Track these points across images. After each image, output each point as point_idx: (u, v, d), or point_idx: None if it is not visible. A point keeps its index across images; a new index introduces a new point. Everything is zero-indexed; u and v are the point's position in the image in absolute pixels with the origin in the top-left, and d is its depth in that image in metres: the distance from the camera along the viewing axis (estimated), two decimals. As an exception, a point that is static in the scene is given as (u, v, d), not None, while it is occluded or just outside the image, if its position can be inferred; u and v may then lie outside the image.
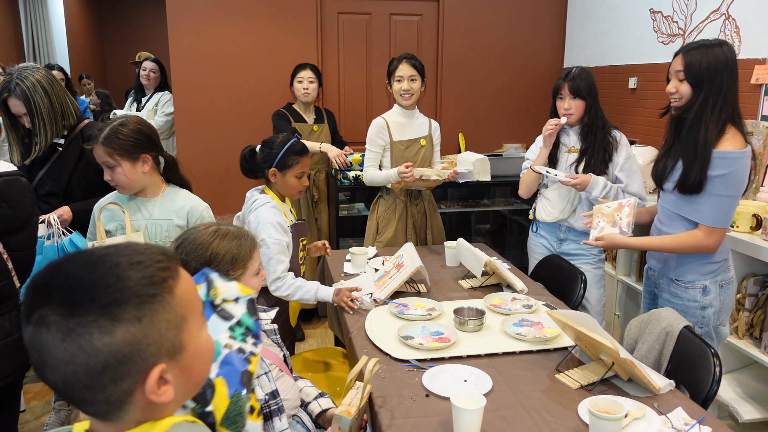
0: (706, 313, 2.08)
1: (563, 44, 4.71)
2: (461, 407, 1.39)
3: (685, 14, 3.37)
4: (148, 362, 0.72)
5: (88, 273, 0.70)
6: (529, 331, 1.98)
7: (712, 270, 2.06)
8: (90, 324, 0.68)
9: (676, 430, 1.46)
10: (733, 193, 1.94)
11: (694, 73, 1.92)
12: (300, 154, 2.29)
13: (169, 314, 0.73)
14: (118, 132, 1.96)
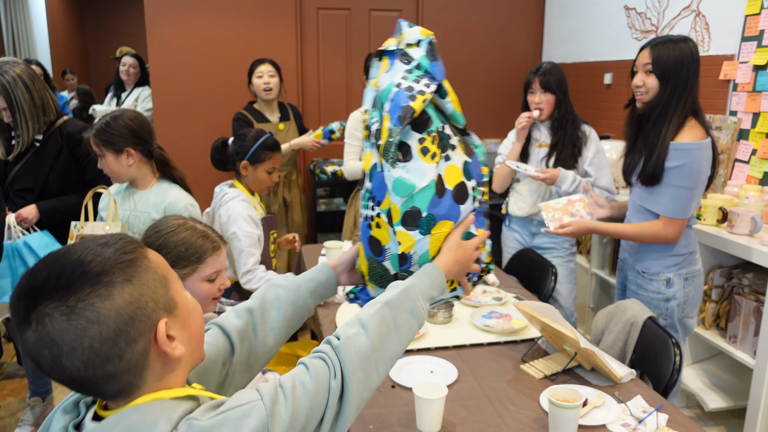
0: (669, 305, 2.11)
1: (541, 40, 4.75)
2: (423, 397, 1.42)
3: (658, 11, 3.42)
4: (152, 318, 0.77)
5: (66, 260, 0.74)
6: (497, 323, 2.01)
7: (676, 263, 2.09)
8: (88, 296, 0.72)
9: (634, 417, 1.50)
10: (690, 184, 1.96)
11: (662, 66, 1.95)
12: (272, 149, 2.31)
13: (153, 274, 0.79)
14: (108, 124, 2.04)
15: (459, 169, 1.12)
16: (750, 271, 2.40)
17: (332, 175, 3.94)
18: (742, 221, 2.34)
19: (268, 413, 0.76)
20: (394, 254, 1.12)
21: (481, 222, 1.18)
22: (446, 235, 1.12)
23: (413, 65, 1.10)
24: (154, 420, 0.74)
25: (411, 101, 1.04)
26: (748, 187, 2.63)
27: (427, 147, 1.07)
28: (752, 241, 2.27)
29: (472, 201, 1.14)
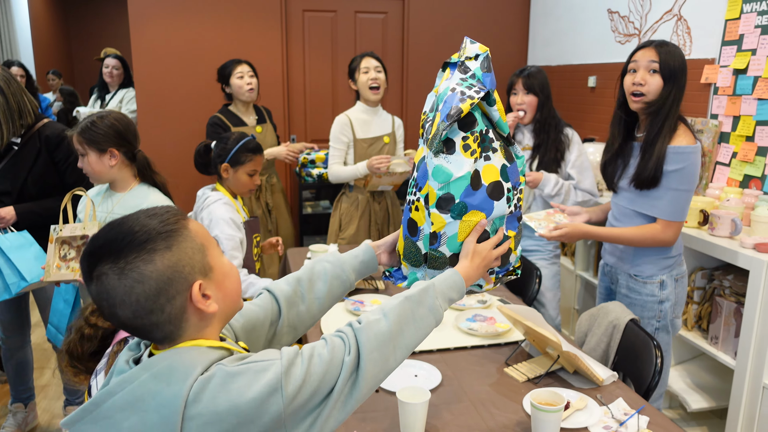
0: (663, 307, 2.13)
1: (526, 43, 4.77)
2: (406, 401, 1.42)
3: (641, 15, 3.45)
4: (188, 280, 0.91)
5: (119, 229, 0.90)
6: (481, 326, 2.02)
7: (668, 264, 2.12)
8: (134, 260, 0.87)
9: (615, 419, 1.51)
10: (688, 187, 1.99)
11: (671, 67, 1.95)
12: (253, 152, 2.31)
13: (191, 242, 0.93)
14: (94, 123, 2.05)
15: (497, 169, 1.25)
16: (731, 273, 2.43)
17: (318, 177, 3.94)
18: (722, 223, 2.37)
19: (283, 371, 0.88)
20: (427, 234, 1.26)
21: (514, 225, 1.32)
22: (475, 224, 1.24)
23: (469, 75, 1.24)
24: (191, 362, 0.89)
25: (460, 103, 1.18)
26: (729, 189, 2.66)
27: (469, 144, 1.21)
28: (732, 243, 2.30)
29: (507, 201, 1.27)
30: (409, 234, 1.30)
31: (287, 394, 0.88)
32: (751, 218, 2.42)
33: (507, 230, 1.30)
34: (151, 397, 0.86)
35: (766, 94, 2.61)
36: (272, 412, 0.87)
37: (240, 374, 0.87)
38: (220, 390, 0.86)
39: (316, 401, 0.92)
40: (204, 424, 0.85)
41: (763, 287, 2.12)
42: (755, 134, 2.68)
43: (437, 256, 1.27)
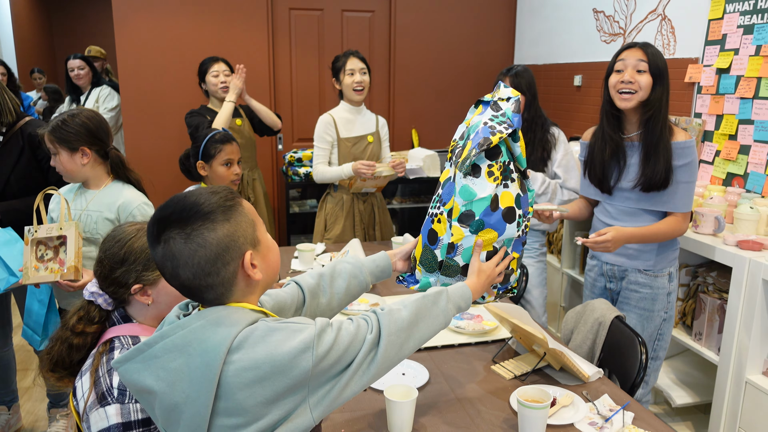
0: (670, 299, 2.19)
1: (513, 42, 4.79)
2: (393, 400, 1.42)
3: (626, 14, 3.48)
4: (241, 249, 1.03)
5: (186, 201, 1.01)
6: (468, 324, 2.03)
7: (675, 257, 2.21)
8: (200, 227, 0.99)
9: (601, 416, 1.53)
10: (695, 179, 2.09)
11: (659, 67, 2.00)
12: (221, 141, 2.34)
13: (245, 217, 1.05)
14: (65, 122, 2.02)
15: (512, 196, 1.43)
16: (714, 270, 2.46)
17: (305, 176, 3.93)
18: (706, 221, 2.39)
19: (316, 334, 1.01)
20: (445, 244, 1.43)
21: (519, 248, 1.49)
22: (488, 240, 1.42)
23: (500, 113, 1.42)
24: (238, 317, 1.01)
25: (491, 135, 1.37)
26: (712, 187, 2.69)
27: (493, 171, 1.40)
28: (716, 241, 2.33)
29: (517, 226, 1.44)
30: (429, 242, 1.46)
31: (317, 354, 0.99)
32: (734, 216, 2.45)
33: (512, 251, 1.48)
34: (198, 342, 0.98)
35: (748, 93, 2.65)
36: (302, 367, 0.98)
37: (279, 330, 0.99)
38: (260, 340, 0.97)
39: (337, 369, 1.04)
40: (242, 369, 0.95)
41: (745, 284, 2.15)
42: (738, 133, 2.71)
43: (451, 264, 1.44)
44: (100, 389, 1.27)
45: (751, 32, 2.64)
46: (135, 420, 1.26)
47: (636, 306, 2.20)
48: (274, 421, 0.98)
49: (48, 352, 1.38)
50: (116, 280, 1.38)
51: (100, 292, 1.40)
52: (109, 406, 1.25)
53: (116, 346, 1.36)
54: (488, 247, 1.43)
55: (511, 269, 1.51)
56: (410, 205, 4.32)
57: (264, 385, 0.96)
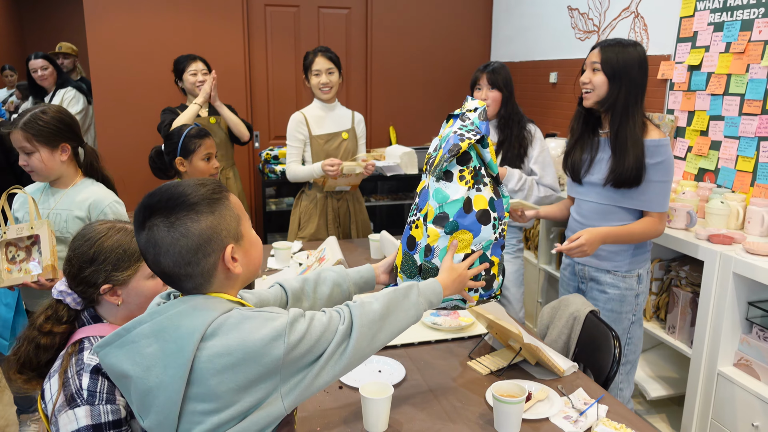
0: (639, 301, 2.17)
1: (489, 39, 4.81)
2: (368, 397, 1.42)
3: (600, 12, 3.51)
4: (223, 242, 1.05)
5: (174, 190, 1.04)
6: (445, 320, 2.03)
7: (645, 258, 2.17)
8: (184, 217, 1.01)
9: (575, 409, 1.54)
10: (670, 178, 2.06)
11: (612, 65, 2.01)
12: (199, 136, 2.35)
13: (230, 211, 1.07)
14: (38, 118, 1.95)
15: (486, 199, 1.48)
16: (686, 264, 2.50)
17: (281, 174, 3.90)
18: (678, 216, 2.43)
19: (289, 323, 1.03)
20: (423, 247, 1.48)
21: (498, 252, 1.53)
22: (464, 241, 1.46)
23: (468, 122, 1.49)
24: (213, 305, 1.03)
25: (460, 141, 1.44)
26: (685, 183, 2.73)
27: (464, 176, 1.46)
28: (688, 235, 2.36)
29: (493, 228, 1.49)
30: (408, 248, 1.52)
31: (289, 343, 1.01)
32: (705, 210, 2.49)
33: (491, 255, 1.51)
34: (173, 328, 1.00)
35: (719, 89, 2.69)
36: (273, 355, 1.00)
37: (253, 318, 1.01)
38: (233, 328, 0.99)
39: (309, 359, 1.06)
40: (214, 354, 0.97)
41: (716, 277, 2.19)
42: (709, 129, 2.75)
43: (430, 267, 1.48)
44: (69, 391, 1.25)
45: (721, 30, 2.68)
46: (105, 422, 1.24)
47: (603, 307, 2.17)
48: (245, 408, 0.99)
49: (15, 353, 1.35)
50: (85, 280, 1.35)
51: (69, 291, 1.37)
52: (78, 407, 1.22)
53: (86, 346, 1.33)
54: (465, 249, 1.47)
55: (493, 275, 1.53)
56: (388, 202, 4.32)
57: (236, 371, 0.97)
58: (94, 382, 1.26)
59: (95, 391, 1.24)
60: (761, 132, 2.49)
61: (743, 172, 2.58)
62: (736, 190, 2.60)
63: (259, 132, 4.48)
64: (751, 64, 2.53)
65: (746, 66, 2.55)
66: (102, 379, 1.27)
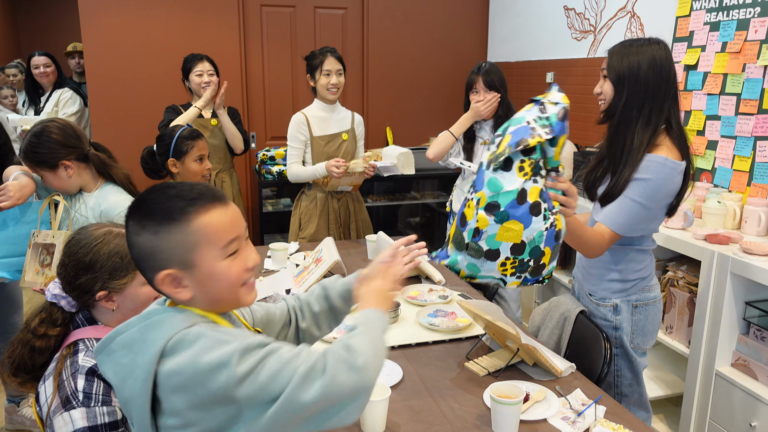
0: (617, 334, 1.88)
1: (486, 39, 4.81)
2: (366, 399, 1.41)
3: (596, 12, 3.51)
4: (160, 265, 0.98)
5: (145, 195, 1.01)
6: (442, 321, 2.02)
7: (623, 288, 1.86)
8: (133, 226, 0.99)
9: (573, 410, 1.53)
10: (647, 203, 1.70)
11: (616, 71, 1.73)
12: (192, 137, 2.36)
13: (183, 236, 0.97)
14: (31, 144, 1.97)
15: (539, 190, 1.49)
16: (684, 264, 2.50)
17: (278, 175, 3.89)
18: (675, 216, 2.42)
19: (238, 351, 0.92)
20: (471, 228, 1.52)
21: (551, 243, 1.53)
22: (513, 231, 1.48)
23: (545, 115, 1.47)
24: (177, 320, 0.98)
25: (530, 137, 1.44)
26: (682, 182, 2.73)
27: (524, 167, 1.47)
28: (685, 235, 2.36)
29: (543, 219, 1.49)
30: (460, 224, 1.56)
31: (236, 374, 0.90)
32: (702, 210, 2.49)
33: (544, 246, 1.52)
34: (141, 341, 0.97)
35: (715, 89, 2.69)
36: (220, 383, 0.90)
37: (206, 337, 0.94)
38: (188, 346, 0.94)
39: (266, 397, 0.91)
40: (170, 372, 0.93)
41: (714, 277, 2.18)
42: (705, 128, 2.75)
43: (476, 248, 1.52)
44: (64, 393, 1.24)
45: (717, 29, 2.68)
46: (102, 423, 1.24)
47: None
48: (212, 427, 0.93)
49: (9, 355, 1.34)
50: (80, 286, 1.33)
51: (63, 294, 1.36)
52: (74, 409, 1.22)
53: (81, 348, 1.32)
54: (516, 239, 1.49)
55: (543, 264, 1.56)
56: (385, 203, 4.31)
57: (188, 391, 0.92)
58: (89, 383, 1.25)
59: (91, 392, 1.24)
60: (758, 131, 2.50)
61: (740, 172, 2.58)
62: (733, 190, 2.60)
63: (256, 132, 4.47)
64: (747, 63, 2.53)
65: (742, 65, 2.55)
66: (97, 380, 1.27)
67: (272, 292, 2.26)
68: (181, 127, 2.38)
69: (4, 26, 8.26)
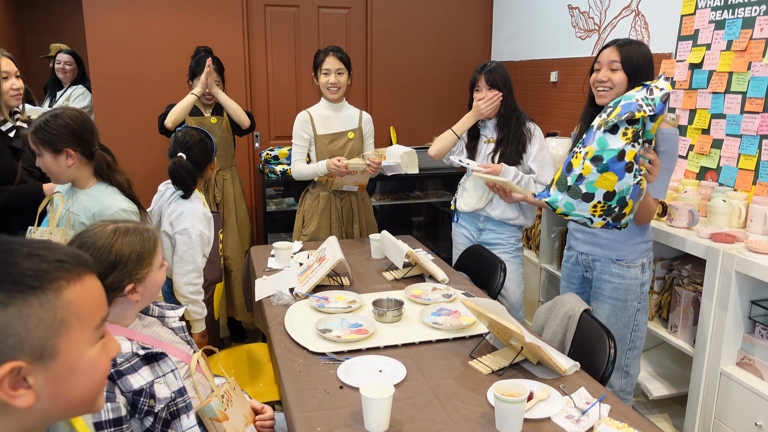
0: (644, 289, 2.20)
1: (490, 38, 4.80)
2: (369, 397, 1.41)
3: (600, 10, 3.50)
4: (5, 354, 0.68)
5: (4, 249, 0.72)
6: (446, 320, 2.02)
7: (647, 249, 2.21)
8: None
9: (578, 409, 1.53)
10: (673, 167, 2.09)
11: (633, 63, 2.04)
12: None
13: (46, 313, 0.70)
14: (47, 122, 1.95)
15: (634, 153, 1.81)
16: (689, 263, 2.49)
17: (282, 174, 3.89)
18: (680, 215, 2.42)
19: None
20: (576, 174, 1.86)
21: (635, 197, 1.87)
22: (608, 180, 1.82)
23: (650, 97, 1.78)
24: None
25: (636, 111, 1.77)
26: (686, 181, 2.72)
27: (627, 133, 1.80)
28: (690, 234, 2.35)
29: (634, 176, 1.83)
30: (566, 170, 1.90)
31: None
32: (707, 209, 2.48)
33: (629, 198, 1.86)
34: None
35: (720, 88, 2.68)
36: None
37: None
38: None
39: None
40: None
41: (718, 276, 2.17)
42: (710, 127, 2.74)
43: (577, 190, 1.86)
44: None
45: (722, 27, 2.67)
46: (106, 420, 1.25)
47: (609, 296, 2.21)
48: None
49: None
50: (108, 287, 1.36)
51: None
52: None
53: None
54: (609, 187, 1.83)
55: (624, 213, 1.88)
56: (389, 202, 4.30)
57: None
58: None
59: None
60: (763, 130, 2.48)
61: (745, 171, 2.57)
62: (738, 189, 2.58)
63: (260, 132, 4.47)
64: (752, 62, 2.52)
65: (748, 64, 2.54)
66: None
67: (276, 291, 2.26)
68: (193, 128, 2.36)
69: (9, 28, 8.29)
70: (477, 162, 2.65)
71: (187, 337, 1.61)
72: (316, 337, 1.90)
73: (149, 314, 1.55)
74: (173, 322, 1.58)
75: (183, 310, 1.63)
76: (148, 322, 1.51)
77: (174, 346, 1.52)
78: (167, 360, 1.43)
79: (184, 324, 1.62)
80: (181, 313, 1.61)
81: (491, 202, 2.67)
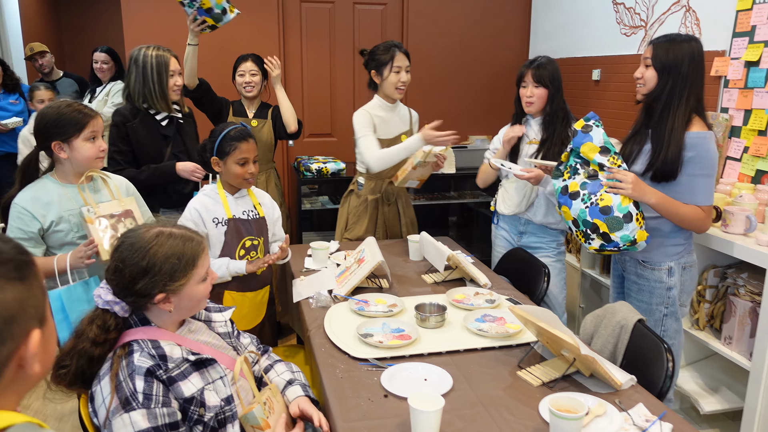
0: (671, 294, 2.14)
1: (528, 35, 4.69)
2: (419, 409, 1.34)
3: (647, 6, 3.37)
4: (29, 325, 0.74)
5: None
6: (491, 327, 1.94)
7: (677, 252, 2.14)
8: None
9: (637, 426, 1.44)
10: (711, 172, 2.04)
11: (661, 60, 2.04)
12: (238, 139, 2.18)
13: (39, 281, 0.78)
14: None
15: (577, 184, 2.09)
16: (745, 271, 2.36)
17: (317, 172, 3.85)
18: (736, 220, 2.30)
19: None
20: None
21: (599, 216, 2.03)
22: (567, 213, 2.11)
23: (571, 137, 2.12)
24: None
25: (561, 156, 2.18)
26: (741, 185, 2.59)
27: (562, 172, 2.15)
28: (747, 241, 2.23)
29: (582, 201, 2.06)
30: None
31: None
32: (765, 215, 2.36)
33: (593, 219, 2.03)
34: None
35: (779, 86, 2.54)
36: None
37: None
38: None
39: None
40: None
41: (780, 286, 2.06)
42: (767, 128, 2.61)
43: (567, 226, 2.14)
44: (123, 394, 1.23)
45: (783, 23, 2.53)
46: (163, 424, 1.24)
47: (635, 298, 2.22)
48: None
49: (62, 366, 1.30)
50: (137, 291, 1.31)
51: (117, 300, 1.33)
52: (134, 411, 1.21)
53: (135, 349, 1.30)
54: (569, 217, 2.11)
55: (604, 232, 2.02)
56: (424, 202, 4.23)
57: None
58: (149, 385, 1.25)
59: (151, 393, 1.24)
60: (827, 132, 2.35)
61: (806, 175, 2.43)
62: (798, 194, 2.45)
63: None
64: (816, 59, 2.39)
65: (811, 62, 2.41)
66: (157, 382, 1.26)
67: (314, 292, 2.21)
68: (233, 125, 2.24)
69: (47, 26, 8.43)
70: (518, 166, 2.56)
71: (233, 342, 1.56)
72: (358, 342, 1.85)
73: (196, 318, 1.51)
74: (220, 327, 1.53)
75: (230, 312, 1.58)
76: (195, 327, 1.46)
77: (221, 351, 1.47)
78: (216, 366, 1.39)
79: (230, 328, 1.57)
80: (228, 316, 1.56)
81: (532, 206, 2.59)
